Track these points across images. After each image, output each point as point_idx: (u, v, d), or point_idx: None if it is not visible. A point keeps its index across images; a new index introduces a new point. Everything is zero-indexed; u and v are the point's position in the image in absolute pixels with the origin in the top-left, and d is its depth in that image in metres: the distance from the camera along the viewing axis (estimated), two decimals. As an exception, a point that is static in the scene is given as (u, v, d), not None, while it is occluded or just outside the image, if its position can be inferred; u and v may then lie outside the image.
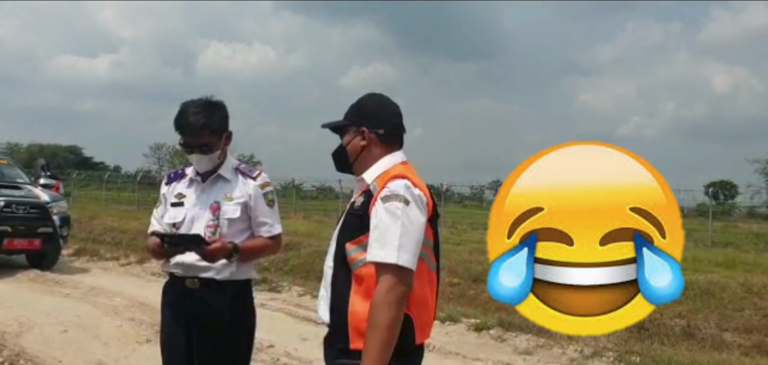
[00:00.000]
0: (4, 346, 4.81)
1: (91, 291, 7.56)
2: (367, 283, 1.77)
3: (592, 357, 5.28)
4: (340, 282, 1.85)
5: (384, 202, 1.76)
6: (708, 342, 5.93)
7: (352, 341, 1.78)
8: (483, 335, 5.99)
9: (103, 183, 31.41)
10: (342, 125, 2.02)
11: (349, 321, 1.79)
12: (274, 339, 5.26)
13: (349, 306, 1.80)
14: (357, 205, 1.86)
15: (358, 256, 1.80)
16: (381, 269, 1.71)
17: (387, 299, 1.69)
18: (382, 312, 1.68)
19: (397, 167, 1.89)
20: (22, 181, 9.81)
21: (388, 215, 1.74)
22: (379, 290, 1.70)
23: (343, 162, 2.02)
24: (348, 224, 1.87)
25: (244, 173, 2.62)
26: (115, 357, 4.88)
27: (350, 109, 2.02)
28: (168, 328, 2.63)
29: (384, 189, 1.79)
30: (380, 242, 1.72)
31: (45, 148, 53.35)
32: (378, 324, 1.68)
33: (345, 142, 2.00)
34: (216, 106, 2.60)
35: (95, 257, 10.95)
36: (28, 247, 8.86)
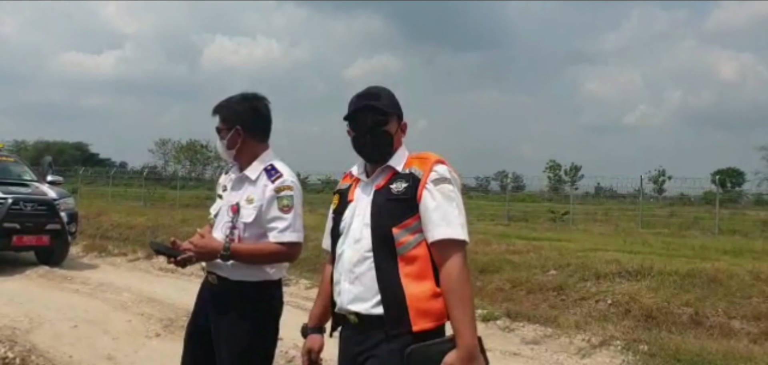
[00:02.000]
0: (15, 342, 4.85)
1: (99, 286, 7.61)
2: (421, 263, 1.84)
3: (600, 346, 5.29)
4: (385, 268, 1.85)
5: (436, 185, 1.86)
6: (716, 330, 5.91)
7: (414, 323, 1.80)
8: (490, 325, 6.00)
9: (110, 179, 31.54)
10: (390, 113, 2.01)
11: (409, 303, 1.81)
12: (282, 332, 5.28)
13: (405, 289, 1.82)
14: (399, 189, 1.88)
15: (408, 239, 1.84)
16: (450, 247, 1.81)
17: (464, 273, 1.80)
18: (467, 285, 1.80)
19: (425, 153, 1.98)
20: (30, 178, 9.87)
21: (443, 197, 1.85)
22: (454, 265, 1.80)
23: (384, 148, 1.99)
24: (389, 210, 1.88)
25: (269, 173, 2.47)
26: (125, 352, 4.92)
27: (386, 99, 2.02)
28: (192, 317, 2.66)
29: (432, 173, 1.88)
30: (446, 220, 1.82)
31: (51, 145, 53.72)
32: (466, 296, 1.79)
33: (391, 129, 2.00)
34: (241, 97, 2.55)
35: (103, 253, 11.01)
36: (36, 244, 8.92)
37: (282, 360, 4.80)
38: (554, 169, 54.68)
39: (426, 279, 1.83)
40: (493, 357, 5.08)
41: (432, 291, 1.83)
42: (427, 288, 1.82)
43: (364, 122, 1.98)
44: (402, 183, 1.89)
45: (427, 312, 1.81)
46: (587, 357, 5.12)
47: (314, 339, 2.14)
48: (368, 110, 1.98)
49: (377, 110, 1.98)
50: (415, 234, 1.85)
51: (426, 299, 1.81)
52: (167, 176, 43.58)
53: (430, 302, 1.82)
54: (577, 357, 5.14)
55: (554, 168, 54.95)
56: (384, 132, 1.98)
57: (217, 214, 2.59)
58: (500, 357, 5.13)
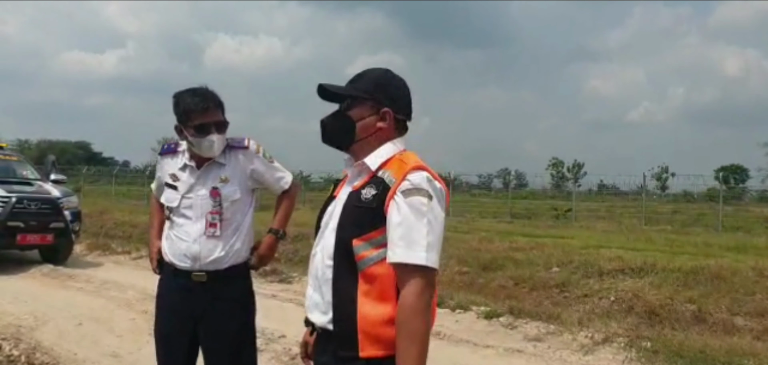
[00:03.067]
0: (21, 340, 4.87)
1: (103, 284, 7.63)
2: (381, 284, 1.61)
3: (602, 343, 5.28)
4: (343, 282, 1.64)
5: (406, 196, 1.59)
6: (719, 327, 5.90)
7: (362, 349, 1.60)
8: (493, 322, 6.00)
9: (113, 178, 31.59)
10: (357, 96, 1.76)
11: (359, 326, 1.60)
12: (285, 330, 5.30)
13: (358, 309, 1.61)
14: (367, 196, 1.64)
15: (369, 253, 1.62)
16: (408, 272, 1.55)
17: (420, 304, 1.54)
18: (419, 319, 1.54)
19: (409, 156, 1.71)
20: (34, 177, 9.90)
21: (412, 211, 1.58)
22: (410, 294, 1.54)
23: (342, 136, 1.76)
24: (353, 217, 1.66)
25: (234, 146, 2.61)
26: (129, 350, 4.94)
27: (366, 81, 1.77)
28: (168, 322, 2.62)
29: (404, 182, 1.61)
30: (406, 241, 1.55)
31: (54, 144, 53.84)
32: (416, 332, 1.53)
33: (355, 115, 1.74)
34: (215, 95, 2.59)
35: (107, 251, 11.05)
36: (40, 242, 8.96)
37: (285, 356, 4.82)
38: (557, 166, 54.57)
39: (386, 302, 1.60)
40: (495, 354, 5.13)
41: (389, 316, 1.59)
42: (383, 311, 1.60)
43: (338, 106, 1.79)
44: (371, 189, 1.65)
45: (378, 338, 1.59)
46: (590, 354, 5.12)
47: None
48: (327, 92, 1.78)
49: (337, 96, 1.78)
50: (379, 249, 1.61)
51: (379, 324, 1.59)
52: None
53: (384, 328, 1.59)
54: (580, 353, 5.14)
55: (557, 165, 54.84)
56: (346, 117, 1.74)
57: (178, 204, 2.57)
58: (503, 354, 5.14)
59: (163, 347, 2.64)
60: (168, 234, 2.63)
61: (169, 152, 2.68)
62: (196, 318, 2.55)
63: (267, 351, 4.90)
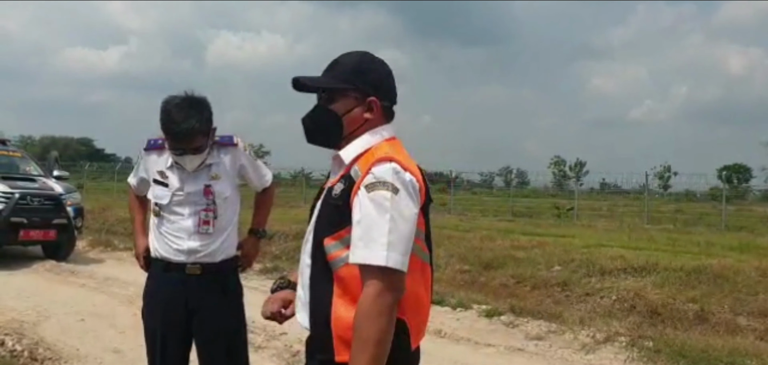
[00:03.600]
0: (24, 335, 4.88)
1: (105, 280, 7.65)
2: (351, 286, 1.49)
3: (604, 343, 5.28)
4: (319, 283, 1.55)
5: (368, 191, 1.45)
6: (722, 327, 5.90)
7: (337, 353, 1.50)
8: (494, 321, 6.00)
9: (115, 175, 31.62)
10: (338, 88, 1.60)
11: (333, 329, 1.51)
12: (286, 326, 5.29)
13: (332, 311, 1.51)
14: (336, 193, 1.53)
15: (339, 254, 1.51)
16: (367, 273, 1.42)
17: (375, 308, 1.40)
18: (371, 324, 1.40)
19: (381, 146, 1.55)
20: (36, 173, 9.92)
21: (373, 206, 1.44)
22: (366, 297, 1.41)
23: (329, 134, 1.62)
24: (325, 216, 1.56)
25: (222, 144, 2.61)
26: (131, 346, 4.94)
27: (344, 69, 1.61)
28: (161, 317, 2.62)
29: (367, 175, 1.47)
30: (365, 240, 1.43)
31: (57, 140, 54.00)
32: (366, 338, 1.40)
33: (340, 109, 1.59)
34: (202, 104, 2.49)
35: (109, 247, 11.06)
36: (43, 238, 8.97)
37: (287, 353, 4.82)
38: (559, 165, 54.60)
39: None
40: (496, 353, 5.13)
41: None
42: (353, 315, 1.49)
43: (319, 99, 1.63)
44: (340, 185, 1.53)
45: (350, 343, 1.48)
46: (591, 353, 5.12)
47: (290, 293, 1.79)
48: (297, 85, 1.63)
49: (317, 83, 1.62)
50: (349, 248, 1.48)
51: (350, 328, 1.45)
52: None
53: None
54: (582, 352, 5.14)
55: (559, 164, 54.86)
56: (328, 111, 1.60)
57: (169, 202, 2.56)
58: (504, 352, 5.14)
59: (158, 342, 2.63)
60: (158, 231, 2.62)
61: (156, 148, 2.62)
62: (190, 311, 2.57)
63: (268, 347, 4.91)
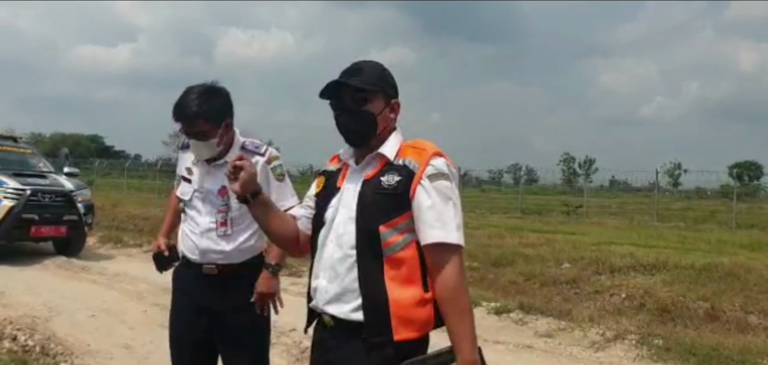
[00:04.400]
0: (36, 330, 4.93)
1: (116, 277, 7.70)
2: (408, 267, 1.65)
3: (614, 340, 5.26)
4: (369, 269, 1.66)
5: (432, 181, 1.65)
6: (733, 325, 5.86)
7: (396, 332, 1.63)
8: (503, 318, 5.99)
9: (125, 171, 31.83)
10: (374, 91, 1.76)
11: (392, 310, 1.63)
12: (296, 323, 5.31)
13: (389, 294, 1.64)
14: (390, 183, 1.67)
15: (395, 239, 1.65)
16: (446, 251, 1.63)
17: (461, 281, 1.64)
18: (464, 295, 1.65)
19: (424, 142, 1.76)
20: (47, 170, 10.00)
21: (439, 194, 1.65)
22: (451, 273, 1.62)
23: (367, 132, 1.76)
24: (377, 205, 1.67)
25: (251, 150, 2.53)
26: (142, 341, 4.98)
27: (371, 74, 1.78)
28: (180, 313, 2.63)
29: (428, 167, 1.67)
30: (442, 222, 1.63)
31: (67, 137, 54.35)
32: (465, 307, 1.64)
33: (375, 109, 1.75)
34: (215, 92, 2.50)
35: (119, 244, 11.14)
36: (54, 234, 9.05)
37: (296, 350, 4.83)
38: (568, 162, 54.36)
39: (413, 284, 1.65)
40: (506, 350, 5.11)
41: (419, 298, 1.65)
42: (413, 293, 1.65)
43: (344, 100, 1.76)
44: (394, 176, 1.68)
45: (411, 320, 1.64)
46: (601, 351, 5.10)
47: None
48: (345, 87, 1.75)
49: (354, 87, 1.74)
50: (405, 234, 1.65)
51: (411, 306, 1.64)
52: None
53: (416, 310, 1.65)
54: (591, 350, 5.12)
55: (568, 161, 54.62)
56: (365, 112, 1.74)
57: (191, 198, 2.59)
58: (513, 349, 5.13)
59: (175, 339, 2.65)
60: (182, 228, 2.66)
61: (187, 146, 2.66)
62: (208, 312, 2.55)
63: (278, 344, 4.92)
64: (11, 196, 8.49)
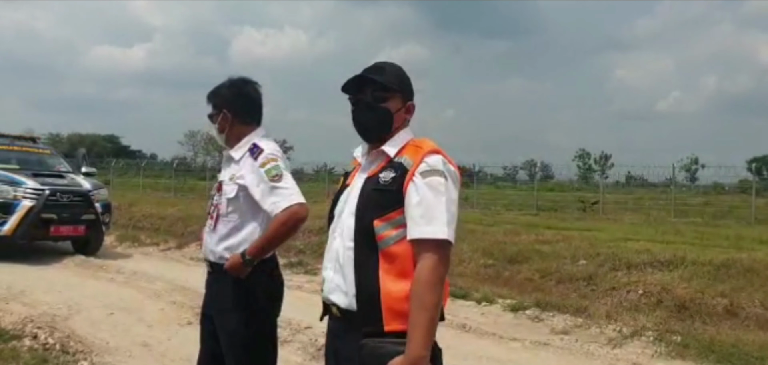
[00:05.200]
0: (55, 328, 4.99)
1: (133, 275, 7.78)
2: (401, 261, 1.72)
3: (631, 337, 5.21)
4: (364, 261, 1.75)
5: (424, 177, 1.72)
6: (752, 321, 5.78)
7: (386, 323, 1.71)
8: (519, 315, 5.97)
9: (141, 171, 32.14)
10: (393, 89, 1.87)
11: (383, 302, 1.71)
12: (311, 320, 5.33)
13: (381, 286, 1.72)
14: (386, 179, 1.76)
15: (389, 233, 1.73)
16: (426, 246, 1.67)
17: (434, 277, 1.65)
18: (431, 292, 1.65)
19: (425, 141, 1.83)
20: (65, 170, 10.12)
21: (430, 190, 1.70)
22: (425, 268, 1.65)
23: (382, 128, 1.85)
24: (373, 200, 1.77)
25: (251, 152, 2.53)
26: (159, 339, 5.03)
27: (392, 75, 1.88)
28: (203, 304, 2.71)
29: (422, 164, 1.74)
30: (427, 217, 1.67)
31: (85, 138, 55.01)
32: (427, 303, 1.64)
33: (392, 108, 1.85)
34: (232, 83, 2.64)
35: (136, 243, 11.26)
36: (73, 233, 9.18)
37: (312, 347, 4.85)
38: (583, 158, 53.94)
39: (406, 278, 1.70)
40: (522, 348, 5.10)
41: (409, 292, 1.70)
42: (404, 287, 1.70)
43: (363, 96, 1.86)
44: (390, 173, 1.77)
45: (402, 313, 1.69)
46: (618, 348, 5.06)
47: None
48: (367, 83, 1.85)
49: (376, 84, 1.84)
50: (399, 229, 1.73)
51: (402, 299, 1.69)
52: (196, 168, 44.18)
53: (406, 303, 1.68)
54: (608, 347, 5.09)
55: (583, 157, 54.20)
56: (382, 109, 1.84)
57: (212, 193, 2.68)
58: (530, 346, 5.11)
59: (201, 329, 2.71)
60: None
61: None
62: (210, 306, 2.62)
63: (294, 341, 4.95)
64: (31, 196, 8.62)
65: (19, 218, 8.49)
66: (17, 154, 10.03)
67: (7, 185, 8.67)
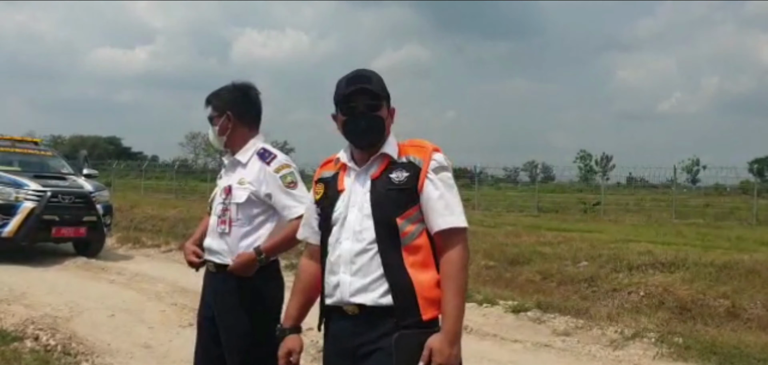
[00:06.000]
0: (57, 330, 4.99)
1: (135, 277, 7.79)
2: (424, 252, 1.85)
3: (632, 338, 5.20)
4: (392, 258, 1.83)
5: (437, 173, 1.87)
6: (754, 323, 5.77)
7: (423, 312, 1.81)
8: (521, 317, 5.96)
9: (142, 173, 32.18)
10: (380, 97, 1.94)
11: (418, 293, 1.81)
12: (312, 323, 5.34)
13: (412, 279, 1.81)
14: (400, 179, 1.86)
15: (411, 229, 1.84)
16: (453, 235, 1.83)
17: (464, 261, 1.84)
18: (464, 274, 1.84)
19: (420, 140, 1.96)
20: (67, 172, 10.13)
21: (445, 185, 1.87)
22: (456, 254, 1.82)
23: (379, 136, 1.93)
24: (391, 199, 1.85)
25: (262, 157, 2.54)
26: (161, 341, 5.03)
27: (379, 83, 1.95)
28: (200, 306, 2.71)
29: (432, 161, 1.88)
30: (449, 209, 1.84)
31: (86, 139, 55.03)
32: (462, 285, 1.82)
33: (384, 115, 1.94)
34: (233, 87, 2.65)
35: (137, 244, 11.26)
36: (74, 235, 9.17)
37: (313, 349, 4.84)
38: (585, 159, 53.87)
39: (430, 268, 1.85)
40: (524, 349, 5.09)
41: (436, 279, 1.84)
42: (431, 276, 1.84)
43: (357, 106, 1.90)
44: (402, 172, 1.87)
45: (434, 299, 1.83)
46: (620, 349, 5.05)
47: (294, 340, 2.06)
48: (362, 94, 1.90)
49: (371, 94, 1.91)
50: (417, 224, 1.85)
51: (432, 287, 1.83)
52: (198, 169, 44.21)
53: (436, 289, 1.83)
54: (610, 348, 5.08)
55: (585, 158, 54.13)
56: (377, 117, 1.91)
57: (212, 200, 2.68)
58: (531, 348, 5.10)
59: (197, 332, 2.72)
60: None
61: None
62: (210, 309, 2.60)
63: (295, 343, 4.95)
64: (32, 198, 8.63)
65: (21, 219, 8.50)
66: (19, 156, 10.05)
67: (9, 187, 8.69)
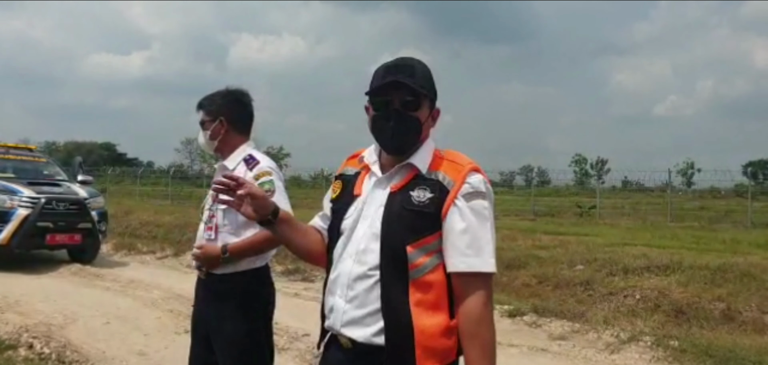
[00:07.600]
0: (51, 338, 4.97)
1: (130, 283, 7.76)
2: (435, 292, 1.52)
3: (628, 342, 5.21)
4: (394, 292, 1.52)
5: (467, 200, 1.53)
6: (749, 326, 5.78)
7: (420, 362, 1.49)
8: (517, 321, 5.96)
9: (137, 179, 32.11)
10: (423, 94, 1.59)
11: (417, 339, 1.49)
12: (309, 329, 5.33)
13: (414, 321, 1.49)
14: (421, 199, 1.53)
15: (424, 261, 1.52)
16: (475, 280, 1.50)
17: (488, 313, 1.51)
18: (489, 329, 1.50)
19: (459, 155, 1.62)
20: (61, 178, 10.10)
21: (476, 216, 1.52)
22: (477, 304, 1.49)
23: (412, 140, 1.60)
24: (405, 221, 1.53)
25: (247, 162, 2.54)
26: (156, 348, 5.01)
27: (422, 77, 1.60)
28: (193, 310, 2.71)
29: (464, 185, 1.54)
30: (474, 248, 1.50)
31: (81, 145, 54.95)
32: (488, 343, 1.49)
33: (422, 116, 1.60)
34: (226, 92, 2.65)
35: (133, 251, 11.22)
36: (69, 242, 9.14)
37: (309, 354, 4.83)
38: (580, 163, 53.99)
39: (439, 311, 1.52)
40: (520, 353, 5.09)
41: (445, 326, 1.51)
42: (439, 321, 1.51)
43: (391, 101, 1.57)
44: (426, 192, 1.53)
45: (436, 350, 1.50)
46: (616, 353, 5.06)
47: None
48: (399, 88, 1.56)
49: (409, 89, 1.56)
50: (433, 255, 1.52)
51: (437, 335, 1.50)
52: (193, 175, 44.11)
53: (441, 339, 1.51)
54: (606, 352, 5.08)
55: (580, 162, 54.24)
56: (412, 118, 1.58)
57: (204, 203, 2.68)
58: (527, 353, 5.10)
59: (191, 336, 2.71)
60: None
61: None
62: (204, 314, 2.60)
63: (291, 349, 4.94)
64: (26, 205, 8.60)
65: (15, 226, 8.47)
66: (13, 162, 10.03)
67: (3, 194, 8.65)
